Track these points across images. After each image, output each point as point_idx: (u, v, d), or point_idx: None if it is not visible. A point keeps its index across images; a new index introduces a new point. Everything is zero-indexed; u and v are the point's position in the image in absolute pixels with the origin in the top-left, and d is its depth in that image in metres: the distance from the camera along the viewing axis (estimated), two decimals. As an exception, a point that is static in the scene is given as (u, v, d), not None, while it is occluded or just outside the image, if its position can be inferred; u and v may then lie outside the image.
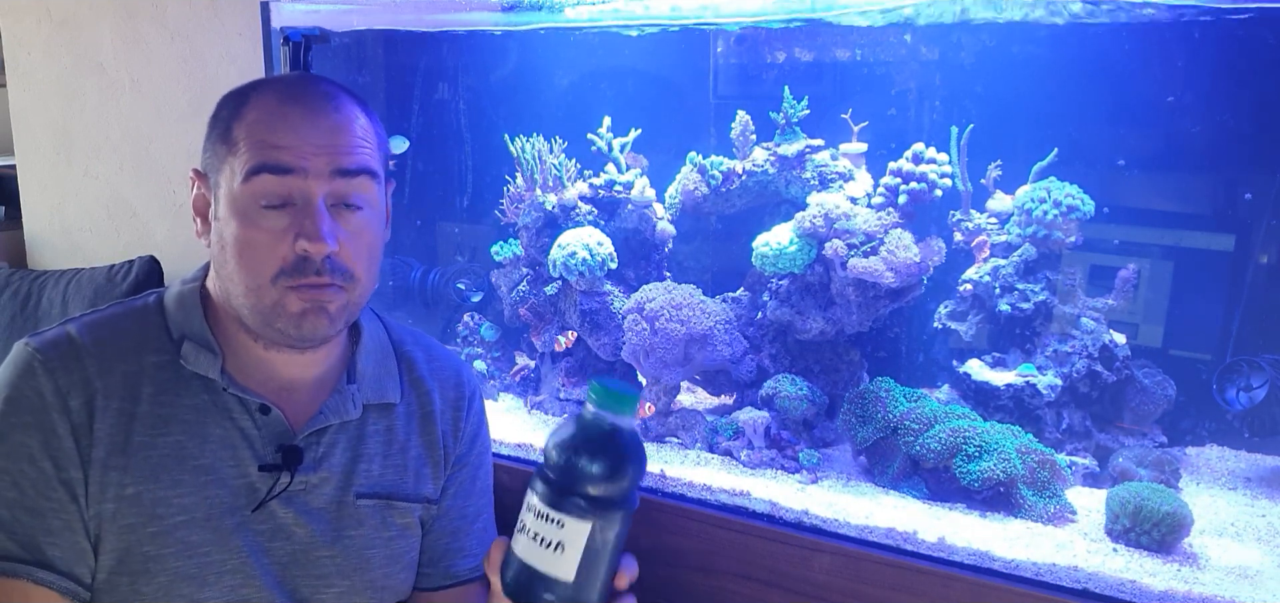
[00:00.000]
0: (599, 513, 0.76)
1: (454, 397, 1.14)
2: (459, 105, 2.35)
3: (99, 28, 2.23)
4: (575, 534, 0.76)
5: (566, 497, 0.76)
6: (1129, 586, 1.25)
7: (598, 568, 0.78)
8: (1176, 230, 1.74)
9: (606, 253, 1.86)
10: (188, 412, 0.96)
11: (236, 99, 0.95)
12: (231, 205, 0.92)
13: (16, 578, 0.89)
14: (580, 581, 0.77)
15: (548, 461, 0.79)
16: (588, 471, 0.76)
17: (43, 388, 0.91)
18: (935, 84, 1.85)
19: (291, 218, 0.91)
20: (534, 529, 0.77)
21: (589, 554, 0.77)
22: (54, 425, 0.91)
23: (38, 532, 0.90)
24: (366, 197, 0.96)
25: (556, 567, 0.77)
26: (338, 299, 0.95)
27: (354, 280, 0.96)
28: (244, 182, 0.91)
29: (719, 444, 1.69)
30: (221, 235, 0.94)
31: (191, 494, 0.94)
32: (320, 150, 0.92)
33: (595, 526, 0.76)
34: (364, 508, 1.03)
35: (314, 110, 0.93)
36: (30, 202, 2.52)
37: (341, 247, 0.93)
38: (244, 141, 0.91)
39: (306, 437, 1.00)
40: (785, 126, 1.82)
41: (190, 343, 0.97)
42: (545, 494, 0.77)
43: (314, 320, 0.94)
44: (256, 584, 0.96)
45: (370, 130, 0.98)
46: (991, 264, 1.71)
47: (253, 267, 0.92)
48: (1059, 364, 1.64)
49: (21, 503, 0.90)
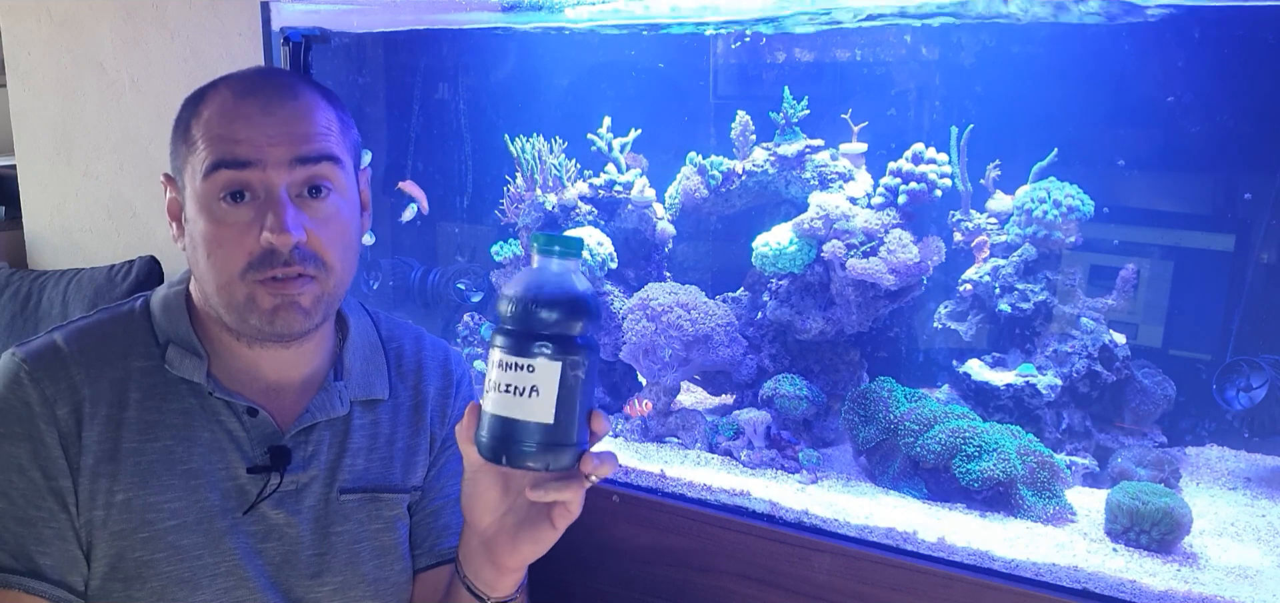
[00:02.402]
0: (567, 352, 0.78)
1: (443, 384, 1.14)
2: (459, 105, 2.35)
3: (99, 28, 2.23)
4: (547, 374, 0.77)
5: (531, 341, 0.77)
6: (1129, 586, 1.25)
7: (573, 408, 0.79)
8: (1176, 230, 1.74)
9: (606, 253, 1.86)
10: (175, 416, 0.96)
11: (195, 99, 0.95)
12: (196, 204, 0.92)
13: (9, 589, 0.89)
14: (560, 418, 0.78)
15: (504, 314, 0.80)
16: (547, 313, 0.78)
17: (30, 398, 0.91)
18: (935, 84, 1.85)
19: (255, 211, 0.91)
20: (503, 381, 0.78)
21: (564, 392, 0.78)
22: (42, 435, 0.91)
23: (29, 541, 0.90)
24: (332, 183, 0.94)
25: (533, 411, 0.78)
26: (310, 290, 0.93)
27: (326, 268, 0.94)
28: (205, 178, 0.90)
29: (719, 444, 1.69)
30: (191, 235, 0.94)
31: (181, 499, 0.95)
32: (277, 140, 0.91)
33: (566, 363, 0.78)
34: (349, 503, 1.03)
35: (270, 101, 0.92)
36: (30, 202, 2.52)
37: (310, 235, 0.92)
38: (201, 139, 0.91)
39: (295, 436, 1.00)
40: (785, 127, 1.82)
41: (175, 348, 0.97)
42: (508, 345, 0.78)
43: (287, 316, 0.93)
44: (249, 586, 0.96)
45: (333, 117, 0.96)
46: (991, 264, 1.71)
47: (221, 263, 0.92)
48: (1059, 364, 1.64)
49: (11, 513, 0.90)
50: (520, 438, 0.79)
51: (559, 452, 0.80)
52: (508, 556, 0.91)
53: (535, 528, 0.88)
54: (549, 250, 0.80)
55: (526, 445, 0.79)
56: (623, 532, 1.56)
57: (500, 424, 0.79)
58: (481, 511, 0.91)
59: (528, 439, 0.78)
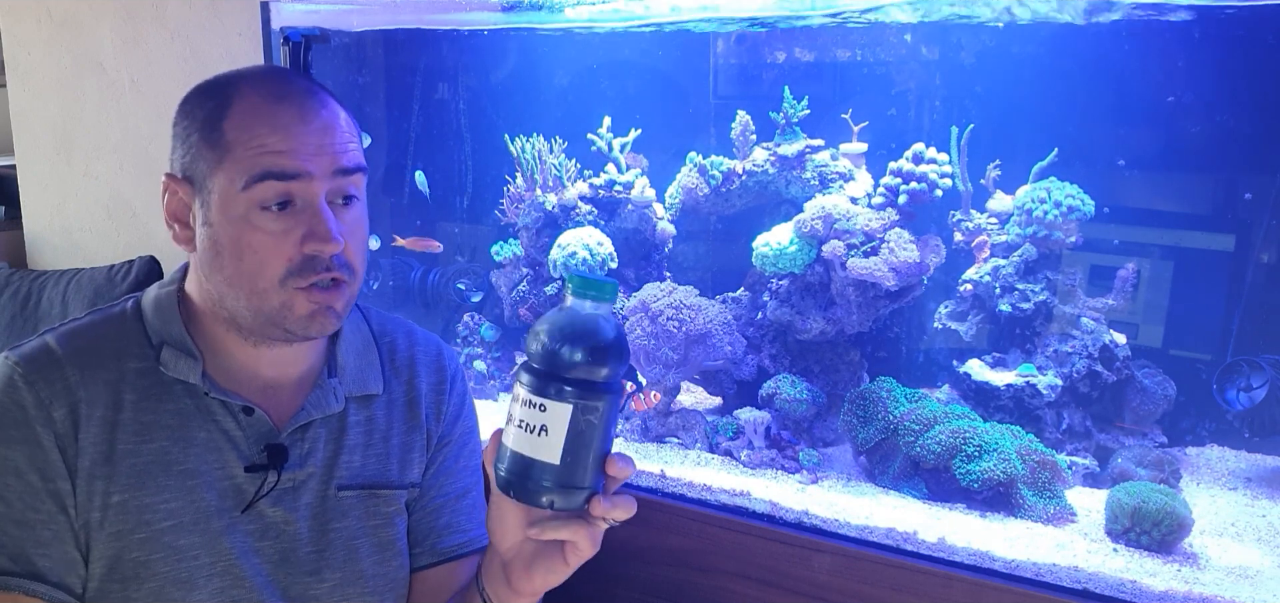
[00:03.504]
0: (580, 395, 0.78)
1: (436, 380, 1.14)
2: (459, 105, 2.35)
3: (99, 28, 2.23)
4: (558, 417, 0.78)
5: (549, 382, 0.78)
6: (1129, 586, 1.25)
7: (583, 452, 0.79)
8: (1176, 230, 1.74)
9: (606, 253, 1.86)
10: (171, 417, 0.96)
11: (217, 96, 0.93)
12: (228, 210, 0.91)
13: (8, 591, 0.89)
14: (567, 462, 0.79)
15: (529, 352, 0.81)
16: (567, 355, 0.78)
17: (25, 400, 0.91)
18: (935, 84, 1.85)
19: (293, 219, 0.92)
20: (520, 417, 0.80)
21: (573, 436, 0.78)
22: (39, 438, 0.91)
23: (27, 544, 0.90)
24: (359, 192, 0.98)
25: (542, 451, 0.79)
26: (344, 296, 0.96)
27: (355, 275, 0.98)
28: (246, 188, 0.90)
29: (719, 444, 1.69)
30: (215, 240, 0.93)
31: (178, 499, 0.95)
32: (319, 151, 0.92)
33: (577, 407, 0.78)
34: (347, 499, 1.04)
35: (305, 110, 0.93)
36: (30, 202, 2.52)
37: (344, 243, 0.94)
38: (240, 146, 0.90)
39: (291, 434, 1.01)
40: (785, 126, 1.82)
41: (169, 349, 0.97)
42: (529, 383, 0.79)
43: (323, 320, 0.95)
44: (246, 585, 0.97)
45: (352, 125, 0.99)
46: (992, 264, 1.71)
47: (256, 271, 0.92)
48: (1059, 364, 1.64)
49: (10, 516, 0.90)
50: (530, 475, 0.80)
51: (567, 493, 0.81)
52: (522, 581, 0.92)
53: (549, 561, 0.89)
54: (582, 294, 0.80)
55: (534, 483, 0.80)
56: (623, 532, 1.55)
57: (513, 459, 0.81)
58: (501, 534, 0.92)
59: (537, 477, 0.80)
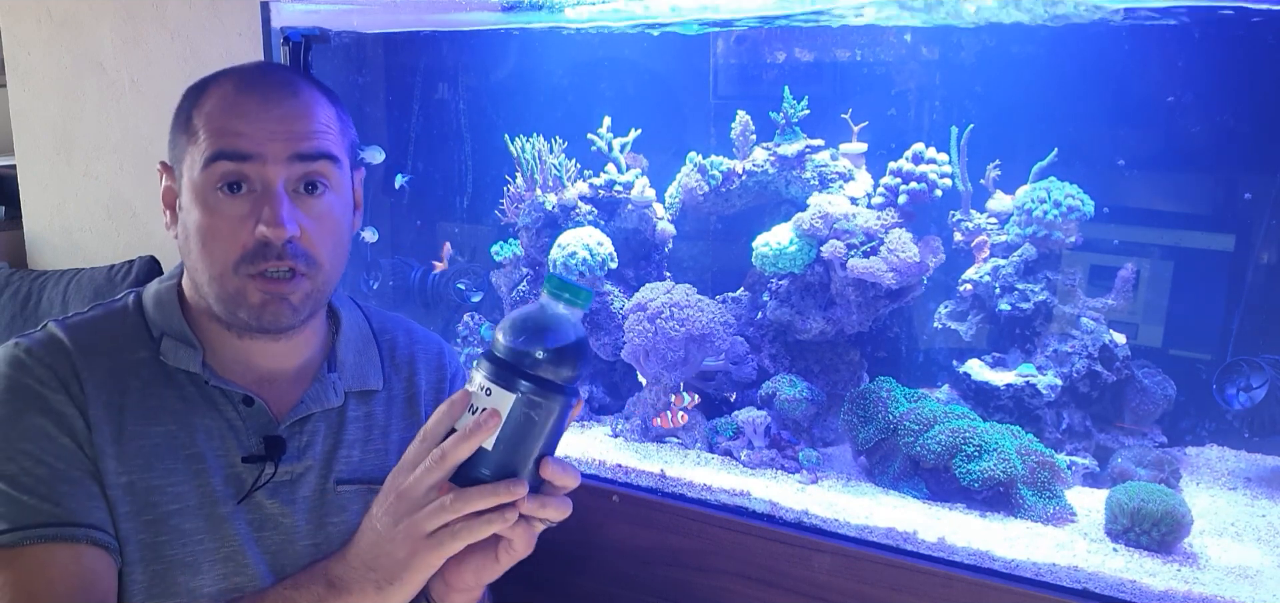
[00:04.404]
0: (529, 388, 0.78)
1: (436, 378, 1.15)
2: (459, 105, 2.35)
3: (99, 28, 2.23)
4: (500, 404, 0.78)
5: (501, 369, 0.79)
6: (1129, 586, 1.25)
7: (519, 444, 0.79)
8: (1176, 230, 1.74)
9: (606, 253, 1.86)
10: (176, 401, 0.97)
11: (197, 89, 0.96)
12: (193, 194, 0.93)
13: (76, 542, 0.89)
14: (500, 450, 0.78)
15: (493, 338, 0.82)
16: (522, 345, 0.79)
17: (40, 375, 0.92)
18: (935, 84, 1.85)
19: (251, 204, 0.92)
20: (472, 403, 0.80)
21: (510, 425, 0.78)
22: (61, 407, 0.92)
23: (78, 497, 0.91)
24: (328, 181, 0.96)
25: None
26: (300, 288, 0.95)
27: (317, 266, 0.96)
28: (203, 169, 0.92)
29: (719, 444, 1.69)
30: (185, 225, 0.95)
31: (184, 482, 0.95)
32: (277, 135, 0.92)
33: (519, 399, 0.78)
34: (345, 494, 1.04)
35: (271, 96, 0.93)
36: (30, 202, 2.52)
37: (304, 232, 0.94)
38: (202, 129, 0.92)
39: (289, 427, 1.01)
40: (785, 126, 1.82)
41: (170, 340, 0.98)
42: (485, 370, 0.80)
43: (275, 310, 0.94)
44: (249, 573, 0.97)
45: (332, 116, 0.98)
46: (991, 264, 1.71)
47: (214, 254, 0.93)
48: (1059, 364, 1.64)
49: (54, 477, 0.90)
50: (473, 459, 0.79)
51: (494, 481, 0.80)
52: (453, 575, 0.91)
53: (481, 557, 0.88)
54: (557, 294, 0.81)
55: (470, 465, 0.79)
56: (623, 532, 1.56)
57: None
58: None
59: (475, 460, 0.79)
